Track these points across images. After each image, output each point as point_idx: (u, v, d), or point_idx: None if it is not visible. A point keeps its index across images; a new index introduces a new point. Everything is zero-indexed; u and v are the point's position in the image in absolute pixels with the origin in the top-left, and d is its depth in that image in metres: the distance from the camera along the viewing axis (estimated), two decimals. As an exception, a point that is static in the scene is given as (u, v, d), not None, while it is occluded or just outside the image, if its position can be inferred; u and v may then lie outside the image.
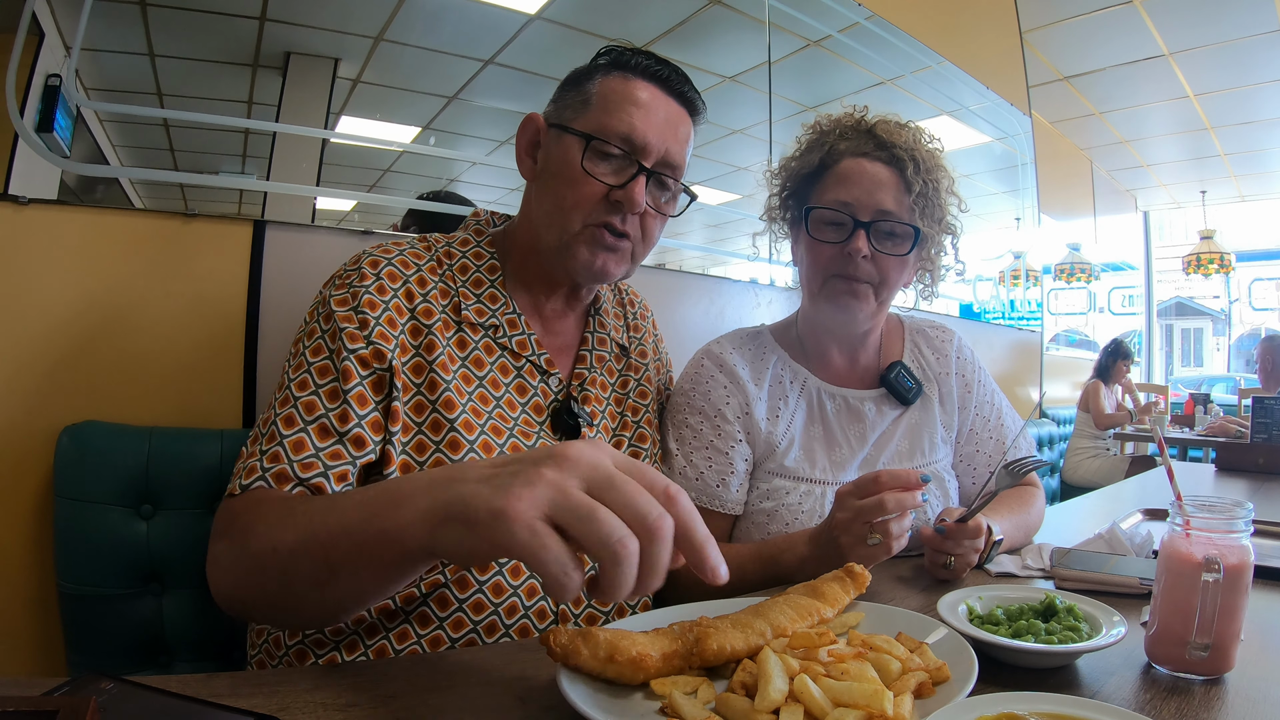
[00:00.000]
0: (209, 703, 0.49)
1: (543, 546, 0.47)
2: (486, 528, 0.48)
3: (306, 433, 0.78)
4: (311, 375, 0.81)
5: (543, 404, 0.94)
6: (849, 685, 0.50)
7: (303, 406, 0.79)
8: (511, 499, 0.47)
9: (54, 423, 1.05)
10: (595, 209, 0.91)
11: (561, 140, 0.92)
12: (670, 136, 0.93)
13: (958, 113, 3.11)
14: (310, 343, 0.84)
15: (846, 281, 1.06)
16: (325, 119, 1.40)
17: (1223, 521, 0.65)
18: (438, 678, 0.61)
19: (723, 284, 2.01)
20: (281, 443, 0.77)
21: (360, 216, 1.46)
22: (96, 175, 1.19)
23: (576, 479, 0.49)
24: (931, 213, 1.08)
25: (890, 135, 1.08)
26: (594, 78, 0.94)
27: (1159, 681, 0.64)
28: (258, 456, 0.77)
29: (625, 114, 0.91)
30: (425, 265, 0.92)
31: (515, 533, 0.47)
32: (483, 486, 0.50)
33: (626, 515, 0.48)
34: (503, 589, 0.83)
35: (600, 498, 0.48)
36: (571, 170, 0.90)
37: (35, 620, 1.06)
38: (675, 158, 0.95)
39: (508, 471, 0.50)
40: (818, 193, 1.10)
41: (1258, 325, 9.72)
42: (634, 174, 0.90)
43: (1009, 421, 1.21)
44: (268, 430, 0.79)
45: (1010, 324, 3.96)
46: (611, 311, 1.10)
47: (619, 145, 0.90)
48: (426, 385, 0.85)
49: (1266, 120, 5.27)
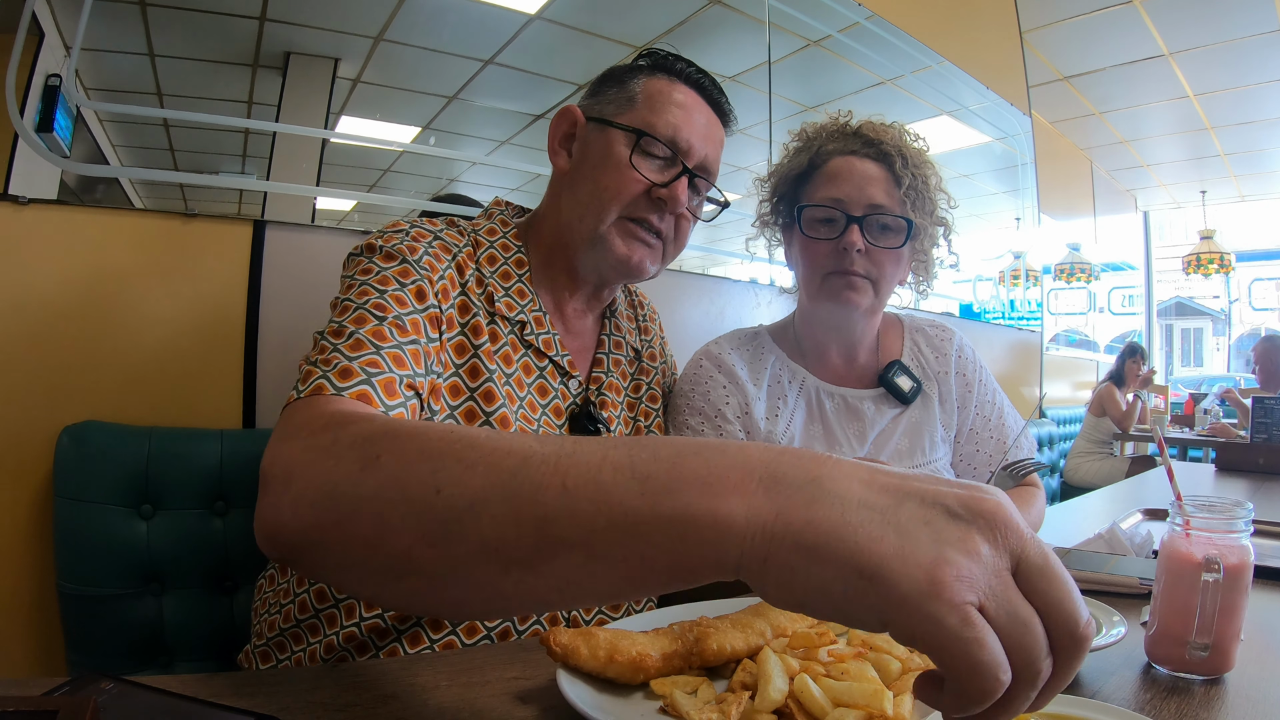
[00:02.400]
0: (209, 703, 0.49)
1: (979, 644, 0.32)
2: (889, 589, 0.32)
3: (402, 350, 0.70)
4: (388, 299, 0.73)
5: (561, 406, 0.93)
6: (849, 685, 0.50)
7: (392, 326, 0.71)
8: (946, 571, 0.32)
9: (54, 423, 1.05)
10: (635, 203, 0.91)
11: (605, 133, 0.92)
12: (709, 142, 0.95)
13: (958, 113, 3.11)
14: (369, 277, 0.75)
15: (844, 277, 1.06)
16: (325, 119, 1.40)
17: (1223, 521, 0.65)
18: (438, 678, 0.61)
19: (723, 284, 2.01)
20: (380, 352, 0.67)
21: (360, 216, 1.46)
22: (96, 175, 1.19)
23: (1009, 558, 0.34)
24: (922, 205, 1.09)
25: (876, 133, 1.10)
26: (637, 77, 0.95)
27: (1159, 681, 0.64)
28: (345, 359, 0.65)
29: (671, 115, 0.92)
30: (464, 249, 0.89)
31: (944, 617, 0.32)
32: (885, 529, 0.34)
33: (1048, 623, 0.33)
34: None
35: (1029, 590, 0.34)
36: (616, 162, 0.90)
37: (35, 620, 1.06)
38: (712, 164, 0.96)
39: (917, 518, 0.34)
40: (808, 192, 1.11)
41: (1258, 325, 9.72)
42: (679, 174, 0.91)
43: (1010, 421, 1.21)
44: (348, 338, 0.67)
45: (1010, 324, 3.96)
46: (625, 314, 1.10)
47: (666, 144, 0.91)
48: (468, 370, 0.83)
49: (1266, 120, 5.27)
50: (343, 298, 0.75)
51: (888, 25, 2.59)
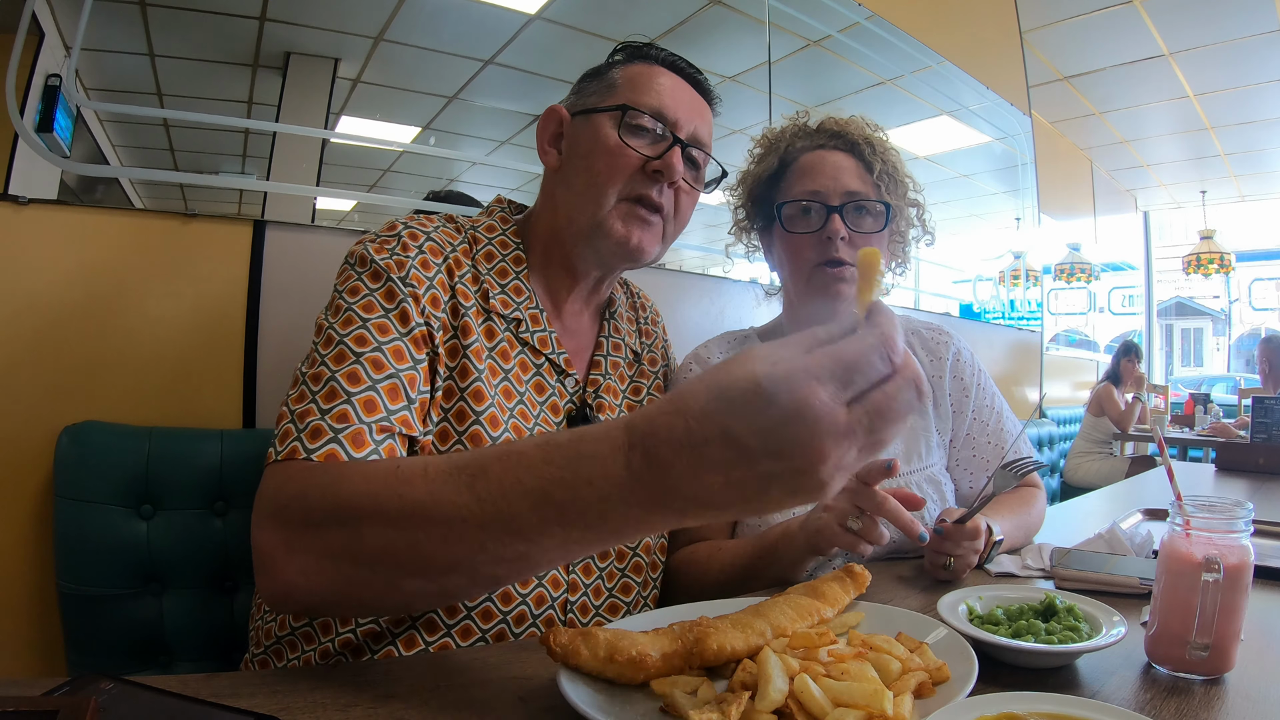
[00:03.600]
0: (209, 703, 0.49)
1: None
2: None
3: (375, 391, 0.72)
4: (370, 331, 0.75)
5: (559, 404, 0.93)
6: (849, 685, 0.50)
7: (369, 363, 0.73)
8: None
9: (54, 423, 1.05)
10: (631, 181, 0.90)
11: (591, 121, 0.93)
12: (696, 116, 0.95)
13: (958, 113, 3.11)
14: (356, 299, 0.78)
15: (832, 269, 1.07)
16: (325, 119, 1.40)
17: (1223, 521, 0.65)
18: (438, 678, 0.61)
19: (723, 284, 2.01)
20: (348, 400, 0.70)
21: (360, 216, 1.46)
22: (96, 175, 1.19)
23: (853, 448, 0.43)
24: (895, 188, 1.12)
25: (839, 126, 1.13)
26: (615, 68, 0.96)
27: (1159, 681, 0.64)
28: (318, 415, 0.69)
29: (654, 92, 0.92)
30: (459, 247, 0.89)
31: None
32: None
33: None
34: (511, 597, 0.82)
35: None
36: (606, 144, 0.90)
37: (35, 620, 1.06)
38: (703, 136, 0.96)
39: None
40: (783, 190, 1.12)
41: (1258, 325, 9.72)
42: (670, 144, 0.91)
43: (1009, 426, 1.21)
44: (323, 387, 0.71)
45: (1010, 324, 3.96)
46: (625, 315, 1.10)
47: (653, 117, 0.91)
48: (459, 371, 0.83)
49: (1266, 120, 5.27)
50: (329, 322, 0.77)
51: (888, 25, 2.59)
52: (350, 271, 0.82)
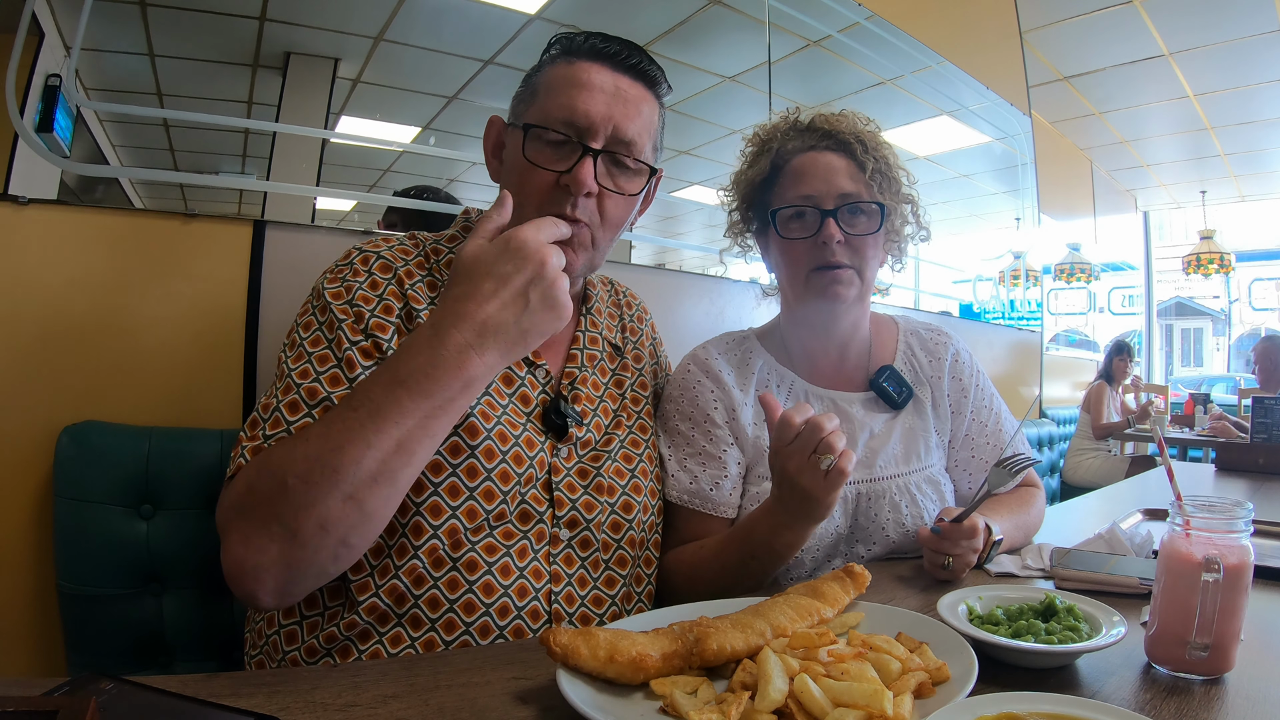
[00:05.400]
0: (209, 703, 0.49)
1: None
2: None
3: (311, 417, 0.79)
4: (312, 364, 0.83)
5: (530, 394, 0.93)
6: (849, 685, 0.50)
7: (305, 392, 0.81)
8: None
9: (54, 423, 1.05)
10: (547, 198, 0.89)
11: (512, 136, 0.94)
12: (619, 112, 0.91)
13: (958, 113, 3.11)
14: (308, 334, 0.85)
15: (829, 272, 1.06)
16: (325, 119, 1.40)
17: (1223, 521, 0.65)
18: (437, 678, 0.61)
19: (722, 284, 2.01)
20: (288, 428, 0.78)
21: (360, 216, 1.46)
22: (96, 175, 1.19)
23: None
24: (889, 186, 1.10)
25: (830, 124, 1.11)
26: (541, 70, 0.95)
27: (1159, 681, 0.64)
28: (261, 440, 0.78)
29: (566, 98, 0.89)
30: (413, 260, 0.92)
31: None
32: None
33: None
34: (493, 589, 0.83)
35: None
36: (516, 163, 0.91)
37: (35, 620, 1.06)
38: (627, 133, 0.91)
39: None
40: (777, 194, 1.11)
41: (1258, 325, 9.73)
42: (579, 157, 0.88)
43: (1008, 427, 1.21)
44: (270, 416, 0.80)
45: (1010, 324, 3.96)
46: (605, 311, 1.10)
47: (560, 130, 0.88)
48: None
49: (1266, 120, 5.27)
50: (288, 366, 0.84)
51: (888, 25, 2.59)
52: (308, 306, 0.89)
